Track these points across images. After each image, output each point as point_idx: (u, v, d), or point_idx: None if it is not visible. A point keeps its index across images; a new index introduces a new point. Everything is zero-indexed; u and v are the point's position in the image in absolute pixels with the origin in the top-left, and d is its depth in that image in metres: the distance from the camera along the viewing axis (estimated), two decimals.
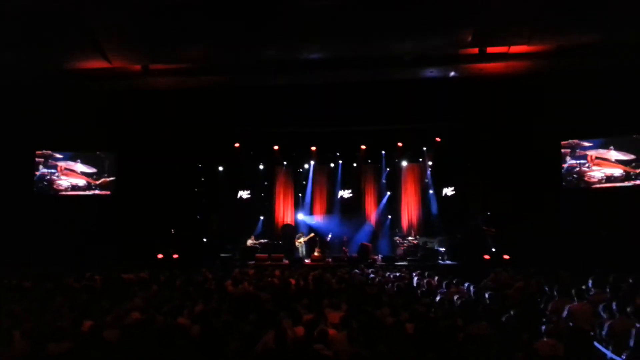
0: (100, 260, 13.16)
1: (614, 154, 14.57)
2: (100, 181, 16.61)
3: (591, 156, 14.83)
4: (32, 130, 15.20)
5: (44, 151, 16.33)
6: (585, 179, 14.86)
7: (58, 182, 16.39)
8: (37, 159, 16.29)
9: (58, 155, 16.47)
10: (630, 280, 8.10)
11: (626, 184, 14.34)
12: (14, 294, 8.57)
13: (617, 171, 14.51)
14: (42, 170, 16.29)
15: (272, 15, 10.93)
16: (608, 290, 7.19)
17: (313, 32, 11.64)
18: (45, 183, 16.27)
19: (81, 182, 16.55)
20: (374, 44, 12.49)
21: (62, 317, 6.57)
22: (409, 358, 5.04)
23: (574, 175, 14.99)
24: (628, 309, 5.59)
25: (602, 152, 14.72)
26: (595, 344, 5.32)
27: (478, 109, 14.85)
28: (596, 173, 14.74)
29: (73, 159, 16.58)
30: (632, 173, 14.27)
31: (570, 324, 5.73)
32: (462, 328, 6.10)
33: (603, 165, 14.64)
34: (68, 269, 11.41)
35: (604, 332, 5.44)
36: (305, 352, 4.80)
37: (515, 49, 12.67)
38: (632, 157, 14.34)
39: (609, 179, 14.59)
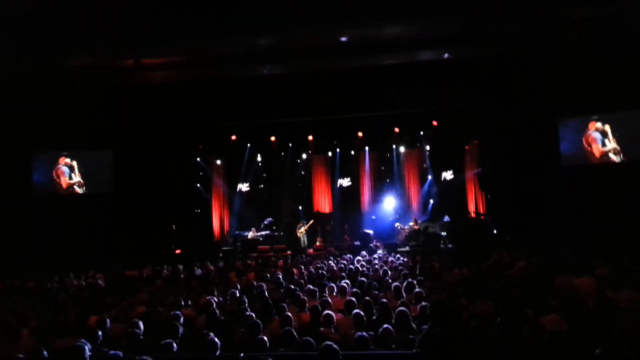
0: (102, 259, 13.18)
1: (607, 131, 14.54)
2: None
3: (587, 134, 14.77)
4: (28, 130, 15.13)
5: (41, 151, 16.25)
6: (583, 156, 14.81)
7: (56, 181, 16.30)
8: (34, 159, 16.22)
9: (56, 154, 16.35)
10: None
11: (619, 159, 14.35)
12: (18, 294, 8.60)
13: (611, 147, 14.51)
14: (40, 170, 16.21)
15: (263, 2, 10.84)
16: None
17: (304, 18, 11.56)
18: (43, 183, 16.18)
19: (78, 180, 16.43)
20: (367, 29, 12.44)
21: (66, 314, 6.58)
22: (413, 339, 5.05)
23: (572, 154, 14.93)
24: None
25: (596, 129, 14.67)
26: None
27: (473, 91, 14.79)
28: (593, 150, 14.70)
29: (70, 157, 16.46)
30: (623, 150, 14.30)
31: (574, 298, 5.74)
32: (466, 307, 6.13)
33: (598, 143, 14.61)
34: (70, 269, 11.41)
35: None
36: (312, 336, 4.80)
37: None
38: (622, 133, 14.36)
39: (604, 155, 14.57)
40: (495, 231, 15.56)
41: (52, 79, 14.04)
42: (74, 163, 16.42)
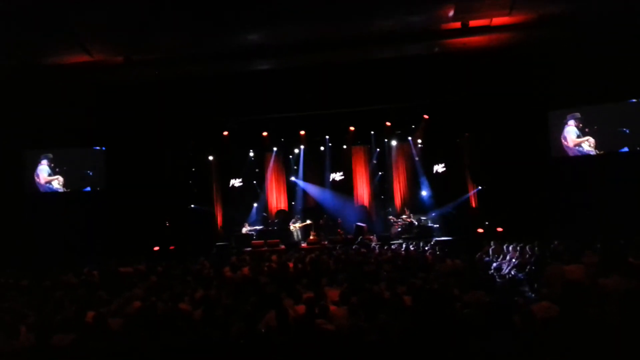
0: (96, 256, 13.17)
1: (583, 124, 14.75)
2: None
3: (565, 129, 14.94)
4: (19, 129, 15.06)
5: (31, 149, 16.17)
6: (565, 147, 14.98)
7: (47, 180, 16.23)
8: (26, 158, 16.16)
9: (47, 153, 16.28)
10: (622, 241, 8.26)
11: (594, 151, 14.59)
12: (13, 292, 8.61)
13: (585, 138, 14.71)
14: (32, 168, 16.15)
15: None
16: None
17: (294, 14, 11.58)
18: (35, 181, 16.12)
19: (57, 177, 16.37)
20: (357, 23, 12.48)
21: (63, 310, 6.61)
22: (408, 328, 5.15)
23: (559, 145, 15.08)
24: None
25: (573, 125, 14.86)
26: None
27: (464, 84, 14.87)
28: (568, 143, 14.88)
29: (61, 155, 16.40)
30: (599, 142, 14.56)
31: (564, 285, 5.86)
32: (459, 297, 6.23)
33: (573, 135, 14.82)
34: (64, 266, 11.40)
35: None
36: (308, 327, 4.88)
37: (496, 21, 12.70)
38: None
39: (577, 146, 14.76)
40: (487, 222, 15.72)
41: (42, 77, 13.97)
42: (57, 162, 16.33)
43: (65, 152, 16.43)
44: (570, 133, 14.77)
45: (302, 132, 18.31)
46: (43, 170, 16.20)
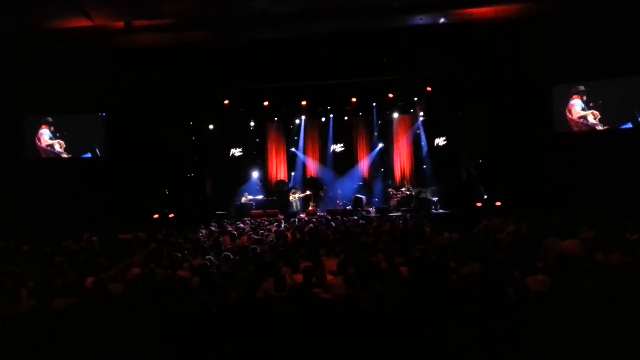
0: (96, 223, 13.23)
1: (587, 98, 14.70)
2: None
3: (570, 103, 14.89)
4: (18, 95, 14.95)
5: (31, 114, 16.09)
6: (568, 120, 14.95)
7: (49, 143, 16.21)
8: (25, 124, 16.11)
9: (48, 119, 16.23)
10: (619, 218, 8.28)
11: (598, 124, 14.61)
12: (13, 256, 8.68)
13: (590, 112, 14.68)
14: (31, 134, 16.11)
15: None
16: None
17: None
18: (36, 146, 16.10)
19: (59, 141, 16.33)
20: None
21: (63, 276, 6.68)
22: (403, 299, 5.20)
23: (562, 119, 15.03)
24: None
25: (578, 98, 14.80)
26: None
27: (469, 56, 14.69)
28: (573, 116, 14.86)
29: (61, 121, 16.34)
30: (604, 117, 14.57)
31: (560, 260, 5.89)
32: (455, 269, 6.27)
33: (577, 108, 14.78)
34: (64, 232, 11.45)
35: None
36: (305, 296, 4.93)
37: None
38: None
39: (582, 118, 14.73)
40: (486, 196, 15.74)
41: (42, 42, 13.80)
42: (57, 127, 16.28)
43: (65, 118, 16.37)
44: (576, 106, 14.76)
45: (304, 103, 18.20)
46: (44, 134, 16.20)
